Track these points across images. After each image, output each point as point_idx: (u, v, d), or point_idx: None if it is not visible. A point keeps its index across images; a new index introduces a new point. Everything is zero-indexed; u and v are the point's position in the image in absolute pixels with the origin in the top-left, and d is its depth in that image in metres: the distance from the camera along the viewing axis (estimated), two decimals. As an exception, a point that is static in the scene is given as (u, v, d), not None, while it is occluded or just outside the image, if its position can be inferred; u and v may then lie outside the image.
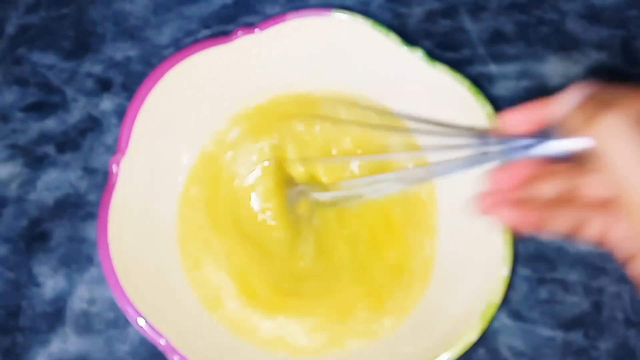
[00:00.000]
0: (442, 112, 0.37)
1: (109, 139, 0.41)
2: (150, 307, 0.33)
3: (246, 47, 0.38)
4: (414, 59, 0.37)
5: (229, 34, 0.38)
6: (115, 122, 0.41)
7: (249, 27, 0.37)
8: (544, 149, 0.25)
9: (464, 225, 0.36)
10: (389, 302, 0.37)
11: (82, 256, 0.39)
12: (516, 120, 0.27)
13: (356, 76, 0.39)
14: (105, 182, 0.36)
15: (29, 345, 0.37)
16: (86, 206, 0.40)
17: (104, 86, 0.42)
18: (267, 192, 0.39)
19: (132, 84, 0.42)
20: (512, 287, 0.38)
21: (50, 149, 0.41)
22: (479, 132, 0.28)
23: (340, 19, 0.37)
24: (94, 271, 0.39)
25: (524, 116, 0.26)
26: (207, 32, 0.44)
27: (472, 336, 0.32)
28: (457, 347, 0.32)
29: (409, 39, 0.40)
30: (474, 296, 0.34)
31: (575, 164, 0.26)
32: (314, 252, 0.38)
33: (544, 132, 0.25)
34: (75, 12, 0.44)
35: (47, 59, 0.43)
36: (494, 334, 0.37)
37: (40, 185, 0.40)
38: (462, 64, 0.42)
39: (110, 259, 0.33)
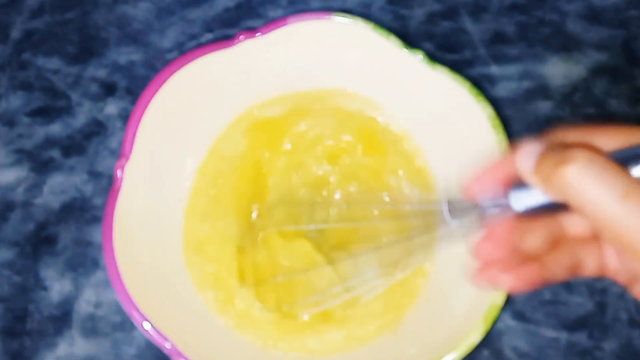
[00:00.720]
0: (443, 114, 0.37)
1: (113, 143, 0.41)
2: (155, 310, 0.33)
3: (248, 51, 0.38)
4: (414, 62, 0.37)
5: (231, 38, 0.38)
6: (120, 125, 0.42)
7: (251, 31, 0.38)
8: (517, 205, 0.25)
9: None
10: (390, 302, 0.37)
11: (88, 259, 0.39)
12: (482, 185, 0.26)
13: (357, 79, 0.39)
14: (110, 185, 0.36)
15: (36, 348, 0.38)
16: (92, 210, 0.40)
17: (109, 90, 0.43)
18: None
19: (136, 88, 0.43)
20: (516, 287, 0.38)
21: (55, 153, 0.41)
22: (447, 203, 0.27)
23: (341, 23, 0.37)
24: (100, 274, 0.39)
25: (488, 179, 0.26)
26: (209, 35, 0.44)
27: (475, 338, 0.32)
28: (461, 348, 0.32)
29: (410, 40, 0.40)
30: (476, 298, 0.34)
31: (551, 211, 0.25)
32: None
33: (513, 188, 0.25)
34: (79, 16, 0.45)
35: (51, 63, 0.44)
36: (498, 335, 0.37)
37: (46, 189, 0.41)
38: (463, 65, 0.42)
39: (115, 263, 0.33)
